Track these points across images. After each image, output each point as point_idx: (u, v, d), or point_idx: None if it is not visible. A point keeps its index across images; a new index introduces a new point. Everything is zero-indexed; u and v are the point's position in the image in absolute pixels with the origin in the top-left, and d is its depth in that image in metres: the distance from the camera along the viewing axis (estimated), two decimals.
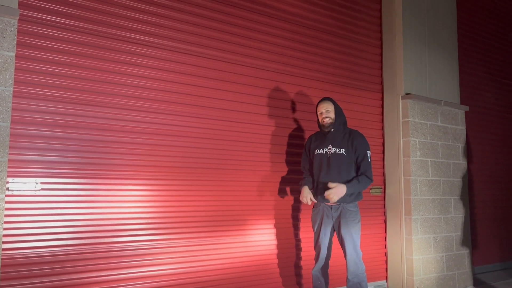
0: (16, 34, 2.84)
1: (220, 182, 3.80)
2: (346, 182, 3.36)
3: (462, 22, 5.89)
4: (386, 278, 4.84)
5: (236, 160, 3.91)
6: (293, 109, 4.33)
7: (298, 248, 4.22)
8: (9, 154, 2.87)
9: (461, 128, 5.36)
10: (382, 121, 5.04)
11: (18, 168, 2.95)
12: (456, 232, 5.06)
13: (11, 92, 2.79)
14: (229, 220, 3.82)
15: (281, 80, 4.27)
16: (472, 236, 5.56)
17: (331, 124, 3.52)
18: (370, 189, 4.82)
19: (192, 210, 3.64)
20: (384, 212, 4.91)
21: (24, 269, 2.92)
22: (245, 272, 3.86)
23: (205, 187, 3.72)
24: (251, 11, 4.13)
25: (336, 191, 3.28)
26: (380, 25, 5.17)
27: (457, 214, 5.12)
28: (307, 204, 4.25)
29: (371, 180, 3.43)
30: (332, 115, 3.52)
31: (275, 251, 4.07)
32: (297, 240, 4.23)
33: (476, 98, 6.16)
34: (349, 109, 4.74)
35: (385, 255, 4.85)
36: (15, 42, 2.83)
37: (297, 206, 4.26)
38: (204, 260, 3.65)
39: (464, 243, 5.13)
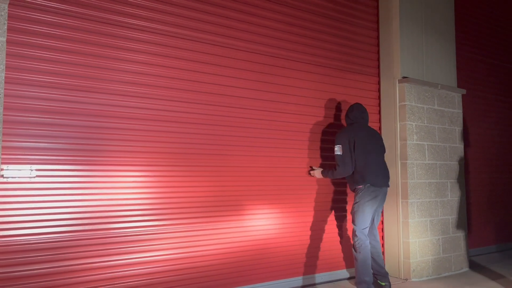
0: (6, 19, 2.79)
1: (217, 167, 3.79)
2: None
3: (459, 5, 5.83)
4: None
5: (232, 145, 3.89)
6: (290, 94, 4.30)
7: (297, 232, 4.23)
8: (3, 141, 2.85)
9: (458, 111, 5.35)
10: (379, 105, 5.02)
11: (13, 155, 2.93)
12: (452, 215, 5.09)
13: (3, 78, 2.75)
14: (227, 205, 3.82)
15: (278, 64, 4.24)
16: (468, 219, 5.60)
17: None
18: None
19: (189, 196, 3.64)
20: None
21: (20, 256, 2.92)
22: (244, 256, 3.88)
23: (202, 172, 3.71)
24: (244, 9, 4.07)
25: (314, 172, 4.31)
26: (377, 8, 5.11)
27: (453, 197, 5.14)
28: (306, 190, 4.28)
29: (337, 173, 4.03)
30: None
31: (274, 236, 4.08)
32: (297, 225, 4.23)
33: (473, 81, 6.14)
34: (345, 93, 4.73)
35: (382, 238, 4.88)
36: (5, 27, 2.78)
37: (295, 191, 4.26)
38: (203, 245, 3.66)
39: (460, 226, 5.16)
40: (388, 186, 4.09)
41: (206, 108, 3.77)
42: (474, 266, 5.32)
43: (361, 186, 3.93)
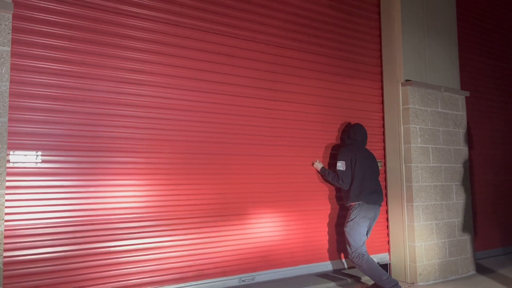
0: (10, 28, 2.81)
1: (221, 175, 3.79)
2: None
3: (461, 7, 5.83)
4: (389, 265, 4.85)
5: (235, 154, 3.89)
6: (293, 101, 4.30)
7: (301, 237, 4.21)
8: (9, 126, 2.89)
9: (462, 113, 5.33)
10: (382, 108, 5.01)
11: (19, 141, 2.97)
12: (457, 218, 5.06)
13: (8, 87, 2.77)
14: (231, 212, 3.82)
15: (279, 71, 4.24)
16: (474, 222, 5.56)
17: None
18: None
19: (193, 204, 3.64)
20: (386, 200, 4.90)
21: (26, 240, 2.96)
22: (248, 261, 3.87)
23: (206, 180, 3.71)
24: (248, 2, 4.08)
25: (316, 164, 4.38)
26: (379, 12, 5.11)
27: (459, 200, 5.11)
28: (309, 195, 4.28)
29: (337, 183, 4.20)
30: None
31: (277, 239, 4.07)
32: (300, 229, 4.22)
33: (476, 83, 6.12)
34: (349, 98, 4.73)
35: (388, 243, 4.85)
36: (10, 37, 2.80)
37: (299, 197, 4.24)
38: (205, 253, 3.66)
39: (466, 228, 5.13)
40: (381, 205, 4.27)
41: (210, 116, 3.78)
42: (481, 269, 5.28)
43: (355, 203, 4.12)
